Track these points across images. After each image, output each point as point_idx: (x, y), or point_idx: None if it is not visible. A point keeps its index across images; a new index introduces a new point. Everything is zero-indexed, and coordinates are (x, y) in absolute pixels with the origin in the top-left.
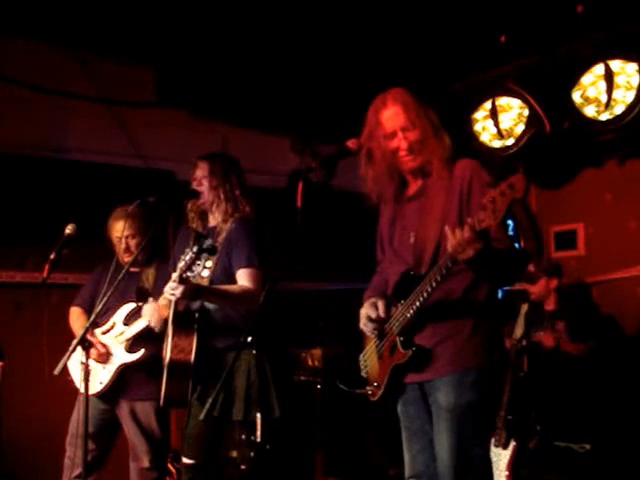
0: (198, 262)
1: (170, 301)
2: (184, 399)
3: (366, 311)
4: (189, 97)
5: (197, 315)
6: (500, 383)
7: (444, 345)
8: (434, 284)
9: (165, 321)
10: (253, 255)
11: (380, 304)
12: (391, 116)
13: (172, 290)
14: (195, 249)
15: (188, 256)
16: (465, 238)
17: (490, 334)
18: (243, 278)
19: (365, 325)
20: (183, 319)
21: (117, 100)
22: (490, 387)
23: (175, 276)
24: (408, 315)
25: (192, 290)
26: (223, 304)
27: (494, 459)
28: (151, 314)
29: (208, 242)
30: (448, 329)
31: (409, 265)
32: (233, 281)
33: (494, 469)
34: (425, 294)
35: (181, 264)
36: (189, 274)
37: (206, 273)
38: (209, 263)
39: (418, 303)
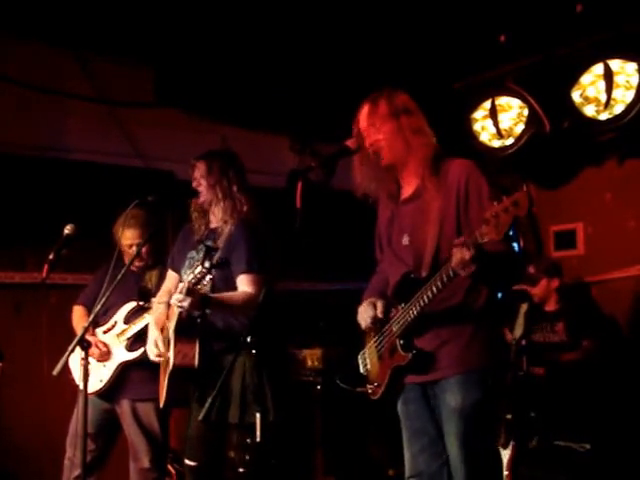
0: (210, 276)
1: (168, 308)
2: (185, 399)
3: (364, 309)
4: (188, 97)
5: (199, 321)
6: (503, 382)
7: (447, 347)
8: (435, 290)
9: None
10: (253, 259)
11: (379, 304)
12: (361, 115)
13: (180, 302)
14: (207, 264)
15: (198, 270)
16: (467, 258)
17: (492, 335)
18: (244, 283)
19: (364, 320)
20: (185, 325)
21: (116, 100)
22: (495, 386)
23: (183, 288)
24: (409, 318)
25: (199, 301)
26: (227, 312)
27: None
28: (149, 349)
29: (218, 256)
30: (450, 331)
31: (409, 267)
32: (233, 286)
33: None
34: (426, 299)
35: (189, 277)
36: (189, 276)
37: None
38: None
39: (419, 307)
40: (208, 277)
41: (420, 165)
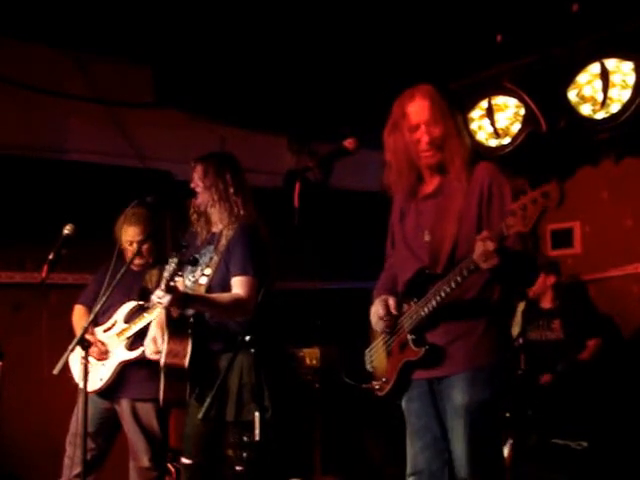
0: (180, 272)
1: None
2: (182, 400)
3: (377, 309)
4: (187, 97)
5: (191, 320)
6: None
7: (457, 343)
8: (453, 285)
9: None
10: (249, 263)
11: (391, 301)
12: (417, 109)
13: (159, 299)
14: (175, 261)
15: (170, 267)
16: (491, 249)
17: (502, 333)
18: (237, 286)
19: (377, 323)
20: (178, 324)
21: (115, 101)
22: (502, 385)
23: (162, 285)
24: (422, 313)
25: (179, 299)
26: (213, 313)
27: None
28: (146, 344)
29: (188, 254)
30: (461, 328)
31: (424, 263)
32: (229, 289)
33: None
34: (443, 294)
35: (166, 274)
36: (189, 280)
37: (204, 280)
38: (208, 270)
39: (435, 303)
40: (180, 273)
41: (458, 162)
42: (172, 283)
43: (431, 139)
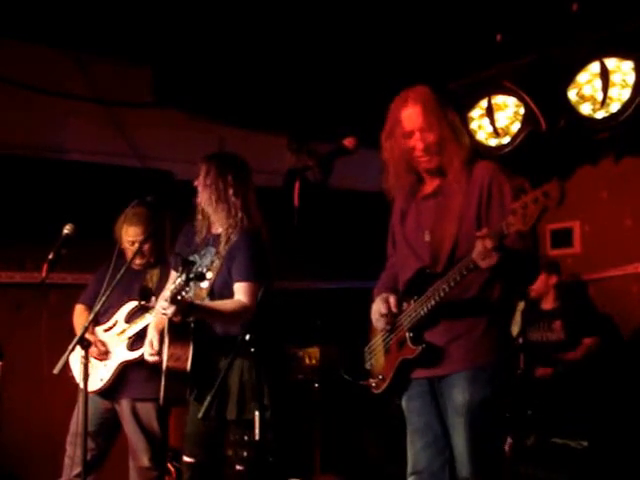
0: (187, 288)
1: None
2: (183, 399)
3: (378, 306)
4: (186, 97)
5: (193, 325)
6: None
7: (458, 342)
8: (452, 284)
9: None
10: (252, 269)
11: (392, 299)
12: (410, 116)
13: (164, 310)
14: (183, 278)
15: (178, 282)
16: (489, 247)
17: (502, 332)
18: (240, 292)
19: (378, 321)
20: (179, 329)
21: (115, 100)
22: (503, 384)
23: (167, 296)
24: (422, 312)
25: (184, 309)
26: (216, 320)
27: None
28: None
29: (195, 269)
30: (462, 326)
31: (425, 263)
32: (232, 293)
33: None
34: (442, 293)
35: (172, 287)
36: (171, 286)
37: (205, 284)
38: (209, 274)
39: (434, 301)
40: (187, 289)
41: (457, 164)
42: (179, 297)
43: (426, 146)
